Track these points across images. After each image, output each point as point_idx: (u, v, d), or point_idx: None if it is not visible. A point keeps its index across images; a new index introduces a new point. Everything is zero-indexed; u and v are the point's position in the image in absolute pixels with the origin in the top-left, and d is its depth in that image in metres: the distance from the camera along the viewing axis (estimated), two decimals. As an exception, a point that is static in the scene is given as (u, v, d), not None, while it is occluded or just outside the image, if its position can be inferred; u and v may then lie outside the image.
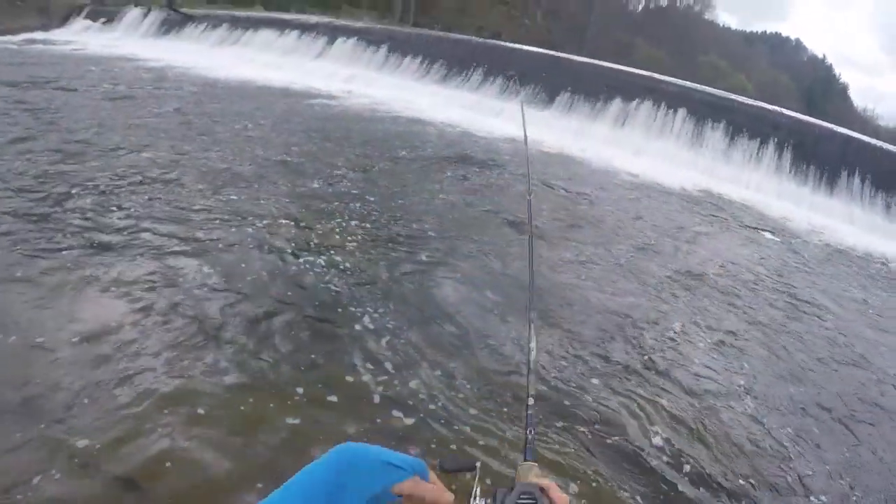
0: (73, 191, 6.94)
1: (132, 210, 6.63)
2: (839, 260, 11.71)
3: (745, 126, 18.54)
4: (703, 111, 19.07)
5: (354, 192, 8.82)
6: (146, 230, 6.15)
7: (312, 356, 4.51)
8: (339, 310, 5.26)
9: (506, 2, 59.18)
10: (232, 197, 7.65)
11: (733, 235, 11.24)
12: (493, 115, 19.25)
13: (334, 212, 7.76)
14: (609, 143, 17.23)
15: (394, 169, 10.76)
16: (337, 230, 7.12)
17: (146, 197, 7.14)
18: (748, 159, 17.96)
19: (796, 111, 26.14)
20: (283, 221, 7.08)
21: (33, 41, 26.56)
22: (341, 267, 6.12)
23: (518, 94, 20.97)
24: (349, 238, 6.95)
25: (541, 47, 28.15)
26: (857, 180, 17.11)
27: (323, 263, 6.10)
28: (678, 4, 75.32)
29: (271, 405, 3.90)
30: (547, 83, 21.09)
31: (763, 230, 12.35)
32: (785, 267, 10.00)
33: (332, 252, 6.41)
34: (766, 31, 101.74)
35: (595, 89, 20.33)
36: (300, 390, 4.08)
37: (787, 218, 14.36)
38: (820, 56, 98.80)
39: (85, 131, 9.82)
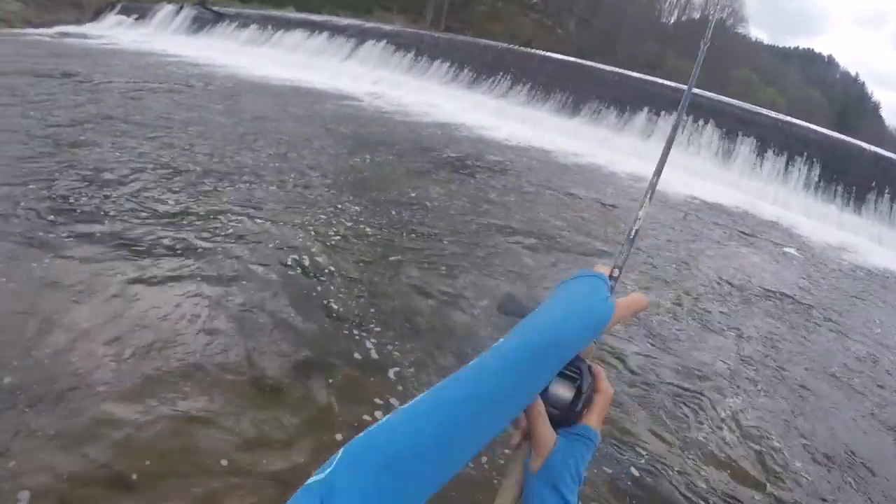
0: (74, 180, 7.02)
1: (118, 205, 6.54)
2: (866, 280, 11.50)
3: (774, 141, 18.36)
4: (732, 125, 18.91)
5: (368, 195, 8.74)
6: (133, 226, 6.03)
7: (310, 386, 4.17)
8: (345, 331, 4.90)
9: (538, 10, 59.26)
10: (236, 195, 7.58)
11: (759, 252, 11.07)
12: (520, 122, 19.24)
13: (341, 216, 7.61)
14: (635, 155, 17.06)
15: (413, 172, 10.71)
16: (342, 236, 6.96)
17: (142, 190, 7.12)
18: (776, 175, 17.76)
19: (827, 128, 25.86)
20: (289, 225, 6.91)
21: (66, 34, 27.07)
22: (342, 279, 5.84)
23: (546, 102, 20.93)
24: (352, 245, 6.79)
25: (572, 56, 28.06)
26: (886, 200, 16.85)
27: (322, 274, 5.86)
28: (710, 18, 74.97)
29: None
30: (575, 92, 21.03)
31: (789, 247, 12.16)
32: (810, 286, 9.81)
33: (332, 261, 6.18)
34: (798, 47, 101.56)
35: (623, 99, 20.23)
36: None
37: (814, 235, 14.13)
38: (853, 74, 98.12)
39: (101, 122, 10.01)
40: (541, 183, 12.00)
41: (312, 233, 6.84)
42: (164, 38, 28.45)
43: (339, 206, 7.92)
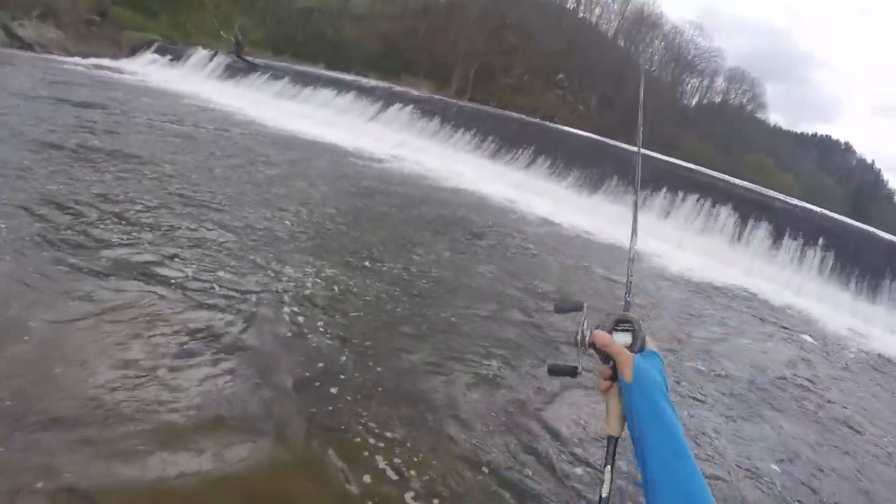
0: (81, 209, 7.27)
1: (137, 242, 6.72)
2: (881, 370, 11.46)
3: (790, 226, 18.48)
4: (748, 209, 19.08)
5: (379, 257, 8.76)
6: (123, 266, 6.07)
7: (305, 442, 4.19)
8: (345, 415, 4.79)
9: (562, 86, 60.29)
10: (237, 245, 7.63)
11: (772, 337, 11.13)
12: (539, 196, 19.53)
13: (346, 276, 7.56)
14: (653, 235, 17.13)
15: (430, 239, 10.82)
16: (345, 297, 6.93)
17: (137, 228, 7.23)
18: (791, 260, 17.82)
19: (842, 214, 26.01)
20: (293, 286, 6.74)
21: (101, 66, 28.07)
22: (339, 339, 5.81)
23: (567, 177, 21.18)
24: (351, 306, 6.75)
25: (592, 133, 28.49)
26: (900, 288, 16.85)
27: (318, 334, 5.81)
28: (731, 102, 75.95)
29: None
30: (595, 168, 21.29)
31: (803, 333, 12.20)
32: (825, 375, 9.80)
33: (338, 332, 5.99)
34: (816, 134, 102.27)
35: (643, 179, 20.38)
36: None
37: (828, 323, 14.14)
38: (869, 161, 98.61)
39: (120, 156, 10.39)
40: (558, 257, 12.16)
41: (316, 290, 6.85)
42: (195, 81, 29.27)
43: (347, 266, 7.93)
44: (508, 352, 6.71)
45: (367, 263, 8.31)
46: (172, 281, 6.01)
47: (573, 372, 1.45)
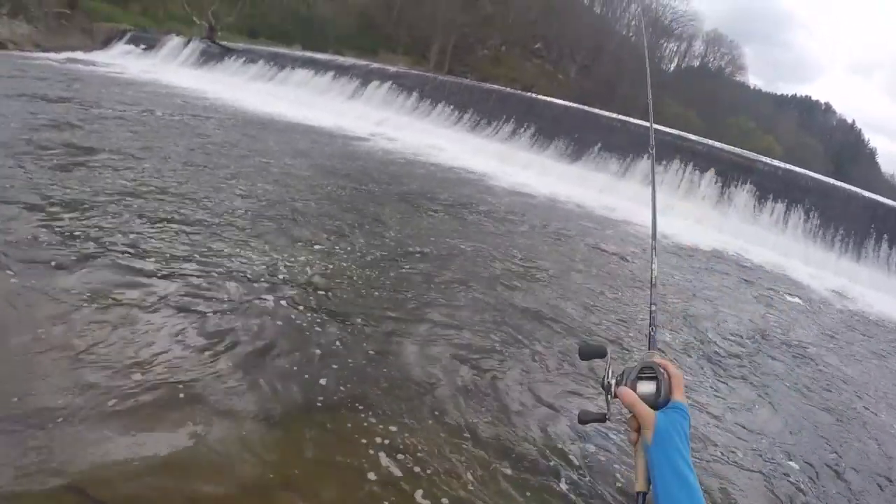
0: (67, 202, 6.99)
1: (121, 236, 6.48)
2: (865, 328, 11.52)
3: (773, 188, 18.52)
4: (732, 172, 19.08)
5: (365, 235, 8.68)
6: (127, 259, 5.93)
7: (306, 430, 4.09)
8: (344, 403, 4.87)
9: (541, 56, 59.99)
10: (234, 233, 7.46)
11: (758, 298, 11.12)
12: (521, 167, 19.45)
13: (336, 256, 7.50)
14: (637, 201, 17.01)
15: (410, 217, 10.62)
16: (335, 275, 6.84)
17: (141, 222, 7.03)
18: (775, 222, 17.90)
19: (824, 175, 26.13)
20: (274, 271, 6.56)
21: (75, 60, 27.48)
22: (333, 315, 5.77)
23: (547, 147, 21.12)
24: (343, 283, 6.68)
25: (572, 101, 28.38)
26: (884, 247, 16.98)
27: (312, 311, 5.75)
28: (710, 65, 75.84)
29: None
30: (576, 137, 21.22)
31: (788, 294, 12.23)
32: (810, 334, 9.84)
33: (323, 299, 6.05)
34: (796, 95, 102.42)
35: (624, 146, 20.35)
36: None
37: (813, 282, 14.22)
38: (849, 121, 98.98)
39: (104, 151, 10.03)
40: (542, 229, 12.04)
41: (305, 270, 6.75)
42: (171, 70, 28.86)
43: (330, 248, 7.76)
44: (499, 331, 6.51)
45: (353, 244, 8.12)
46: (151, 272, 5.78)
47: (603, 418, 1.48)
